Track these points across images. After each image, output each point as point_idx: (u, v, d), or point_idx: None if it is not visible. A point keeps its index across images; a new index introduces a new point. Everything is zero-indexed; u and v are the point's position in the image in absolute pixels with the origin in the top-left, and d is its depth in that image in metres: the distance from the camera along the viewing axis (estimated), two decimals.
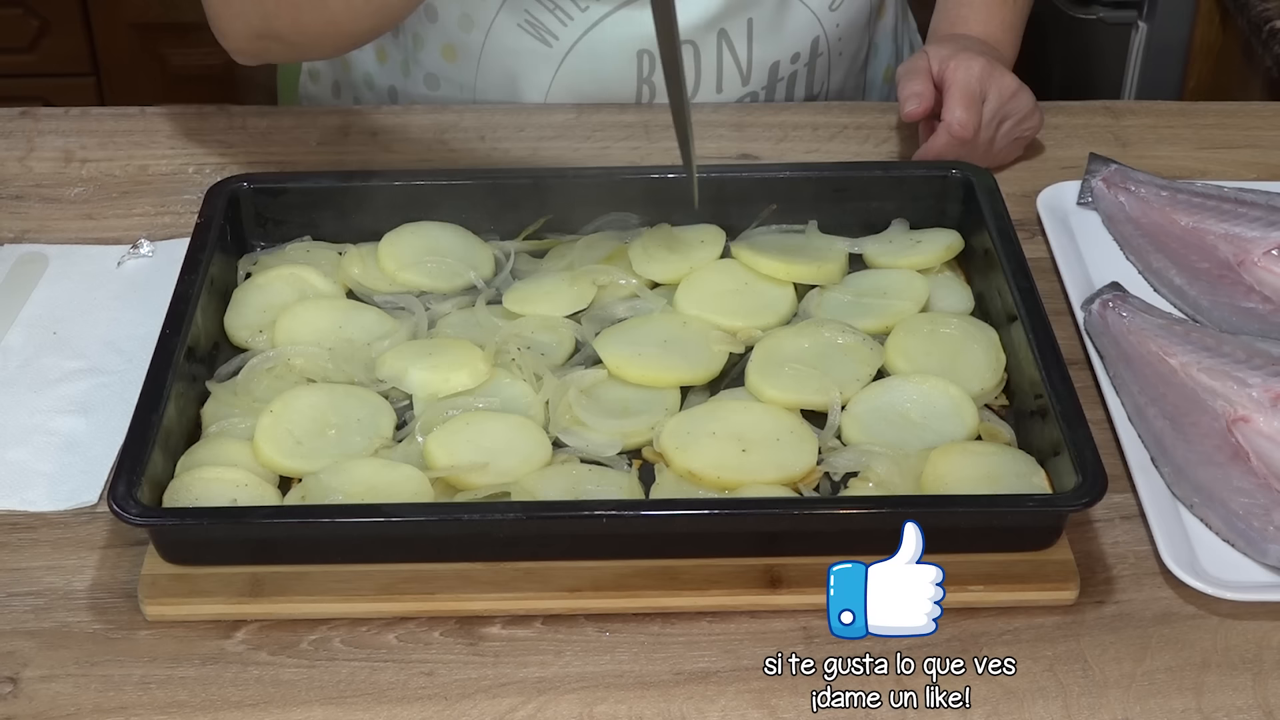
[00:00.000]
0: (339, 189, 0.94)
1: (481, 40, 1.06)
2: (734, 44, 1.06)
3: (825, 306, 0.89)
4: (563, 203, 0.94)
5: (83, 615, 0.74)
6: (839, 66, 1.12)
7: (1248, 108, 1.14)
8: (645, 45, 1.05)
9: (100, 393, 0.86)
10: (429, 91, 1.11)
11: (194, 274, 0.86)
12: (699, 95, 1.08)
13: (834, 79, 1.13)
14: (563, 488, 0.77)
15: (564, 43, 1.05)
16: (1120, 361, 0.86)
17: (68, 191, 1.03)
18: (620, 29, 1.04)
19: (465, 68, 1.08)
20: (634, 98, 1.08)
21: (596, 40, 1.05)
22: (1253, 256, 0.93)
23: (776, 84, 1.09)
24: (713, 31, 1.05)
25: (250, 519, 0.74)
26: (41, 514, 0.79)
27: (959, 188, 0.94)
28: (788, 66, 1.08)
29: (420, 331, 0.87)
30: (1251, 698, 0.70)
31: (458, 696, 0.70)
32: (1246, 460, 0.79)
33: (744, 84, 1.08)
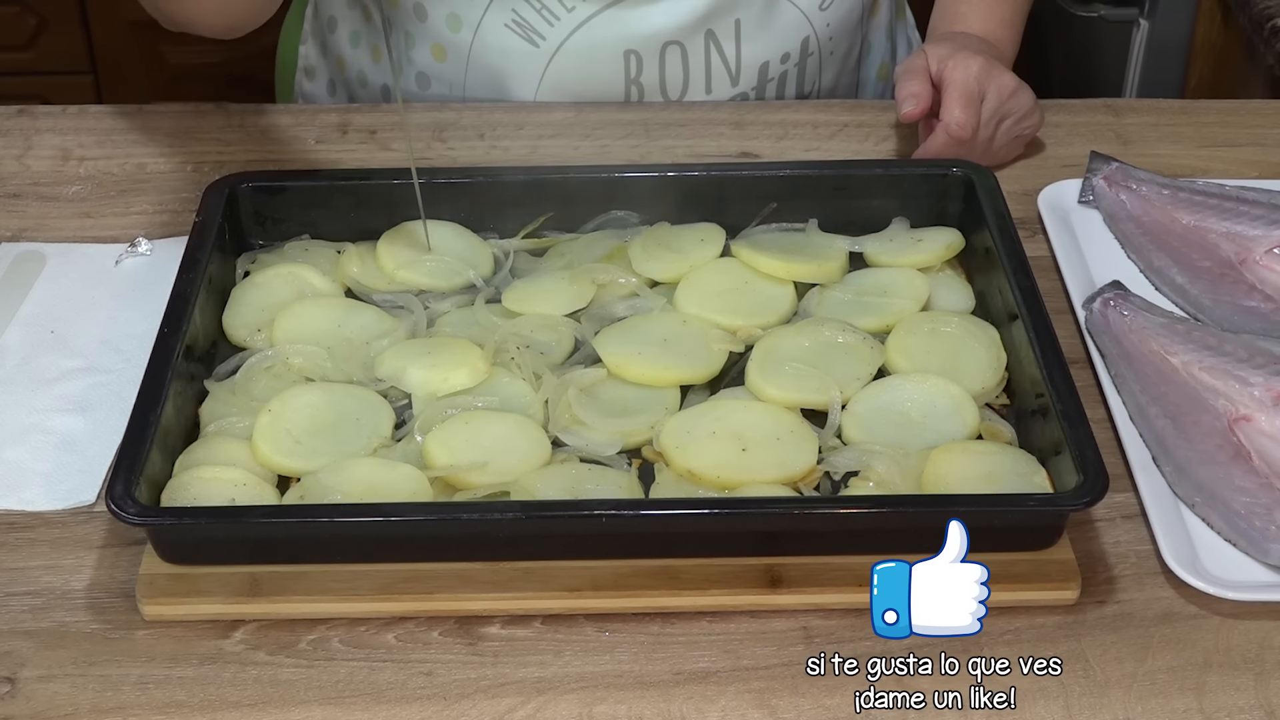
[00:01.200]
0: (337, 187, 0.94)
1: (470, 40, 1.06)
2: (722, 45, 1.06)
3: (825, 305, 0.89)
4: (562, 201, 0.94)
5: (80, 615, 0.74)
6: (830, 66, 1.12)
7: (1249, 106, 1.14)
8: (633, 46, 1.05)
9: (98, 392, 0.86)
10: (420, 90, 1.11)
11: (192, 273, 0.85)
12: (687, 96, 1.08)
13: (825, 78, 1.12)
14: (562, 487, 0.77)
15: (551, 43, 1.05)
16: (1121, 360, 0.86)
17: (65, 190, 1.02)
18: (607, 29, 1.04)
19: (454, 67, 1.08)
20: (622, 98, 1.08)
21: (583, 40, 1.05)
22: (1254, 255, 0.93)
23: (766, 84, 1.09)
24: (700, 32, 1.05)
25: (248, 518, 0.74)
26: (39, 513, 0.79)
27: (960, 186, 0.94)
28: (778, 67, 1.08)
29: (419, 330, 0.87)
30: (1253, 698, 0.70)
31: (457, 696, 0.70)
32: (1248, 459, 0.79)
33: (733, 84, 1.08)
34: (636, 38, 1.04)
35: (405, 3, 1.07)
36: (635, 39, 1.04)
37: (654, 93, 1.08)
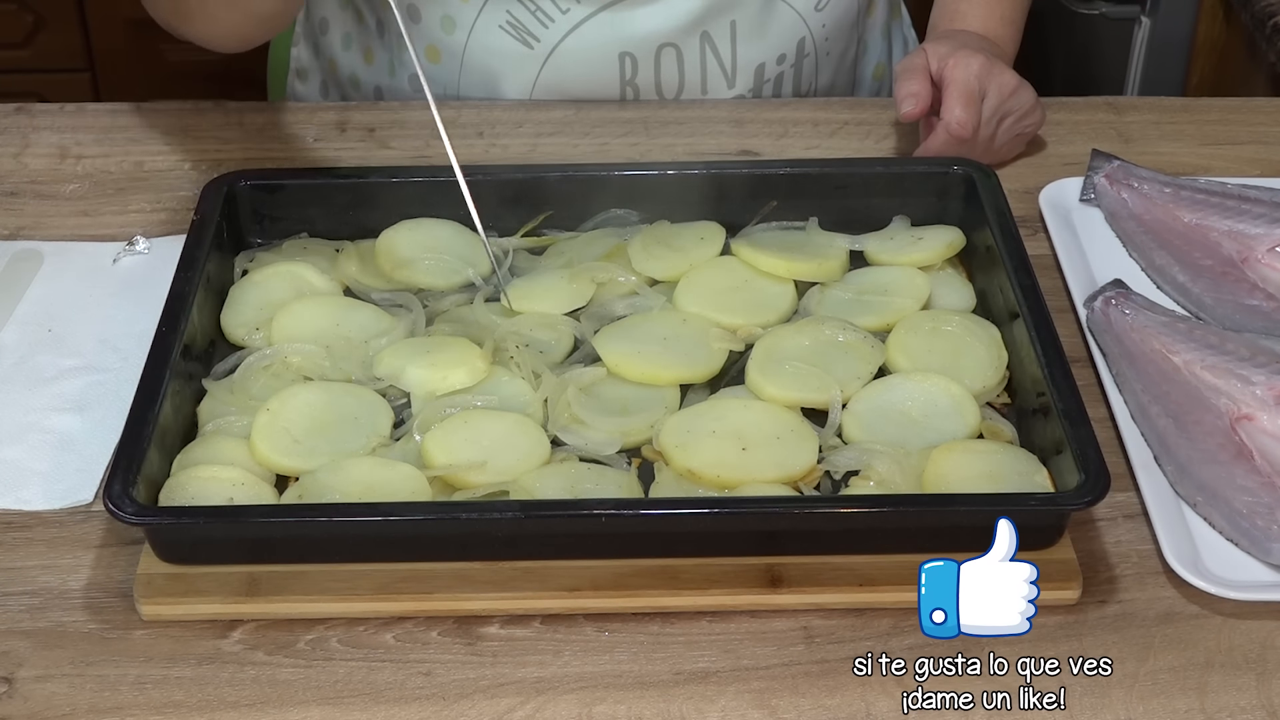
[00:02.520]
0: (336, 185, 0.94)
1: (464, 41, 1.06)
2: (717, 46, 1.06)
3: (826, 304, 0.89)
4: (561, 199, 0.94)
5: (78, 615, 0.73)
6: (827, 67, 1.12)
7: (1251, 104, 1.14)
8: (627, 48, 1.05)
9: (96, 391, 0.86)
10: (414, 92, 1.11)
11: (190, 271, 0.85)
12: (683, 99, 1.08)
13: (822, 79, 1.12)
14: (561, 486, 0.76)
15: (545, 45, 1.04)
16: (1123, 359, 0.85)
17: (63, 188, 1.02)
18: (601, 31, 1.04)
19: (449, 69, 1.08)
20: (617, 98, 1.08)
21: (578, 42, 1.04)
22: (1256, 253, 0.93)
23: (763, 85, 1.09)
24: (695, 34, 1.05)
25: (247, 518, 0.74)
26: (36, 513, 0.78)
27: (961, 184, 0.93)
28: (774, 68, 1.08)
29: (418, 329, 0.87)
30: (1255, 698, 0.70)
31: (456, 697, 0.70)
32: (1250, 459, 0.79)
33: (729, 86, 1.08)
34: (631, 40, 1.04)
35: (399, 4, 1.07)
36: (630, 41, 1.04)
37: (649, 95, 1.07)
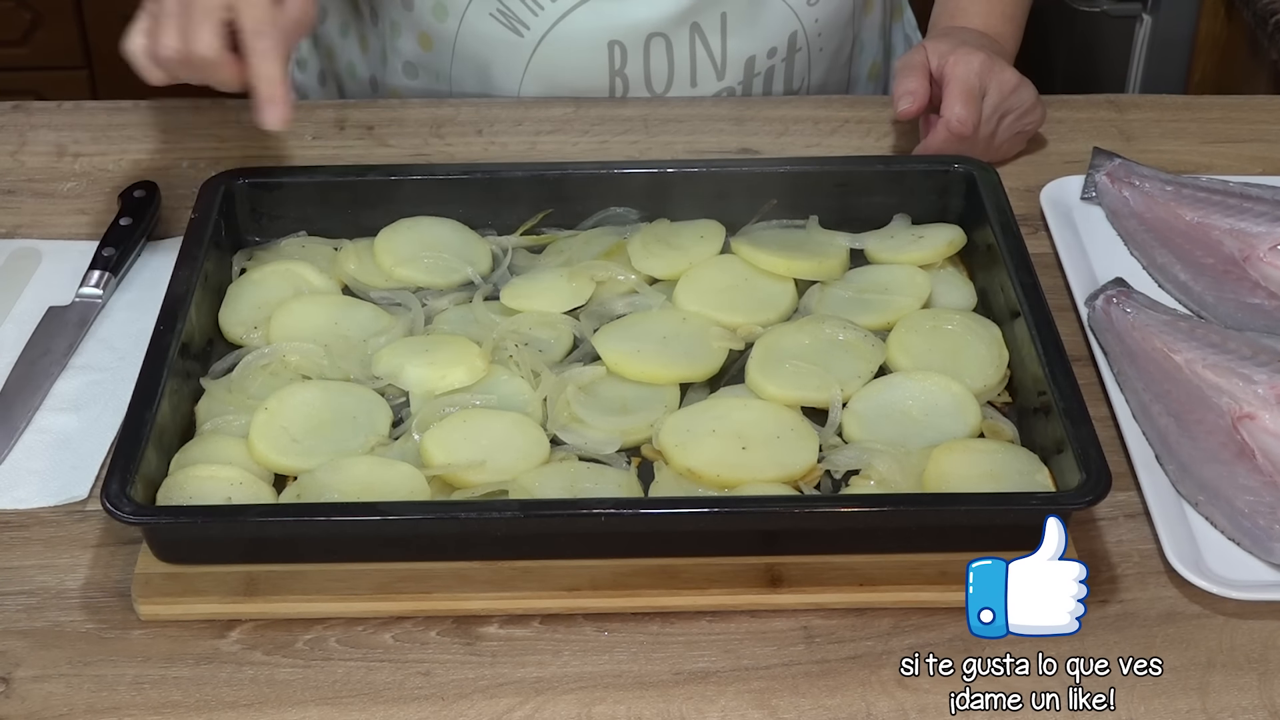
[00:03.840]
0: (335, 183, 0.94)
1: (455, 28, 1.06)
2: (707, 38, 1.05)
3: (826, 302, 0.89)
4: (561, 197, 0.93)
5: (75, 614, 0.73)
6: (820, 63, 1.11)
7: (1253, 101, 1.13)
8: (616, 37, 1.05)
9: (93, 390, 0.85)
10: (408, 80, 1.11)
11: (188, 270, 0.85)
12: (672, 90, 1.08)
13: (815, 75, 1.12)
14: (561, 486, 0.76)
15: (535, 33, 1.04)
16: (1124, 358, 0.85)
17: (60, 186, 1.02)
18: (590, 20, 1.04)
19: (441, 56, 1.08)
20: (606, 89, 1.07)
21: (567, 31, 1.04)
22: (1258, 252, 0.92)
23: (753, 79, 1.08)
24: (685, 25, 1.05)
25: (245, 517, 0.74)
26: (33, 512, 0.78)
27: (961, 182, 0.93)
28: (764, 61, 1.08)
29: (417, 328, 0.87)
30: (1257, 698, 0.70)
31: (455, 697, 0.69)
32: (1252, 458, 0.79)
33: (719, 79, 1.08)
34: (620, 28, 1.04)
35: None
36: (619, 30, 1.04)
37: (639, 85, 1.07)
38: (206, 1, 0.81)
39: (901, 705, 0.69)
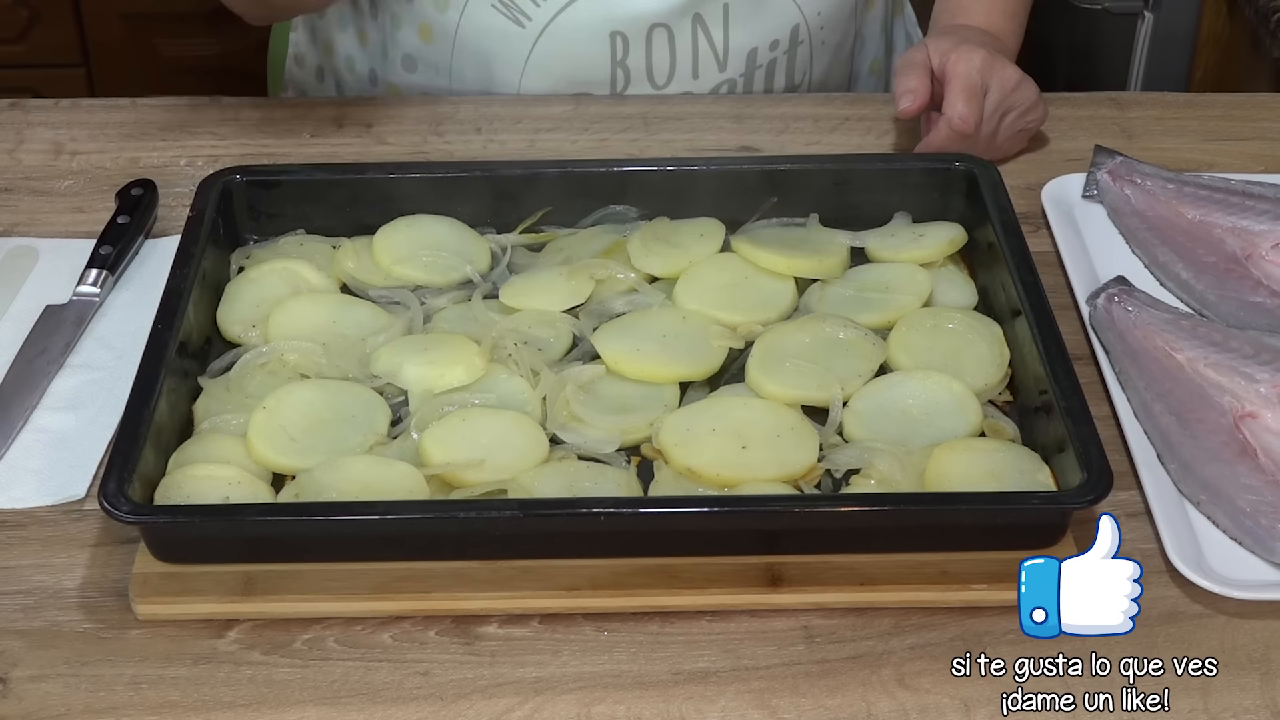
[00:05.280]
0: (333, 181, 0.93)
1: (456, 20, 1.06)
2: (710, 29, 1.05)
3: (826, 301, 0.88)
4: (560, 196, 0.93)
5: (73, 614, 0.73)
6: (822, 56, 1.11)
7: (1255, 99, 1.13)
8: (618, 27, 1.05)
9: (90, 389, 0.85)
10: (407, 74, 1.10)
11: (186, 268, 0.85)
12: (674, 81, 1.08)
13: (817, 69, 1.12)
14: (560, 485, 0.76)
15: (536, 24, 1.04)
16: (1126, 357, 0.85)
17: (58, 184, 1.02)
18: (592, 10, 1.04)
19: (441, 48, 1.08)
20: (608, 80, 1.07)
21: (569, 21, 1.04)
22: (1260, 250, 0.92)
23: (755, 71, 1.08)
24: (687, 15, 1.05)
25: (243, 517, 0.74)
26: (31, 512, 0.78)
27: (962, 180, 0.93)
28: (766, 54, 1.07)
29: (416, 326, 0.86)
30: (1259, 698, 0.69)
31: (454, 697, 0.69)
32: (1254, 457, 0.79)
33: (720, 70, 1.07)
34: (622, 19, 1.04)
35: None
36: (621, 20, 1.04)
37: (640, 77, 1.07)
38: None
39: (902, 705, 0.69)
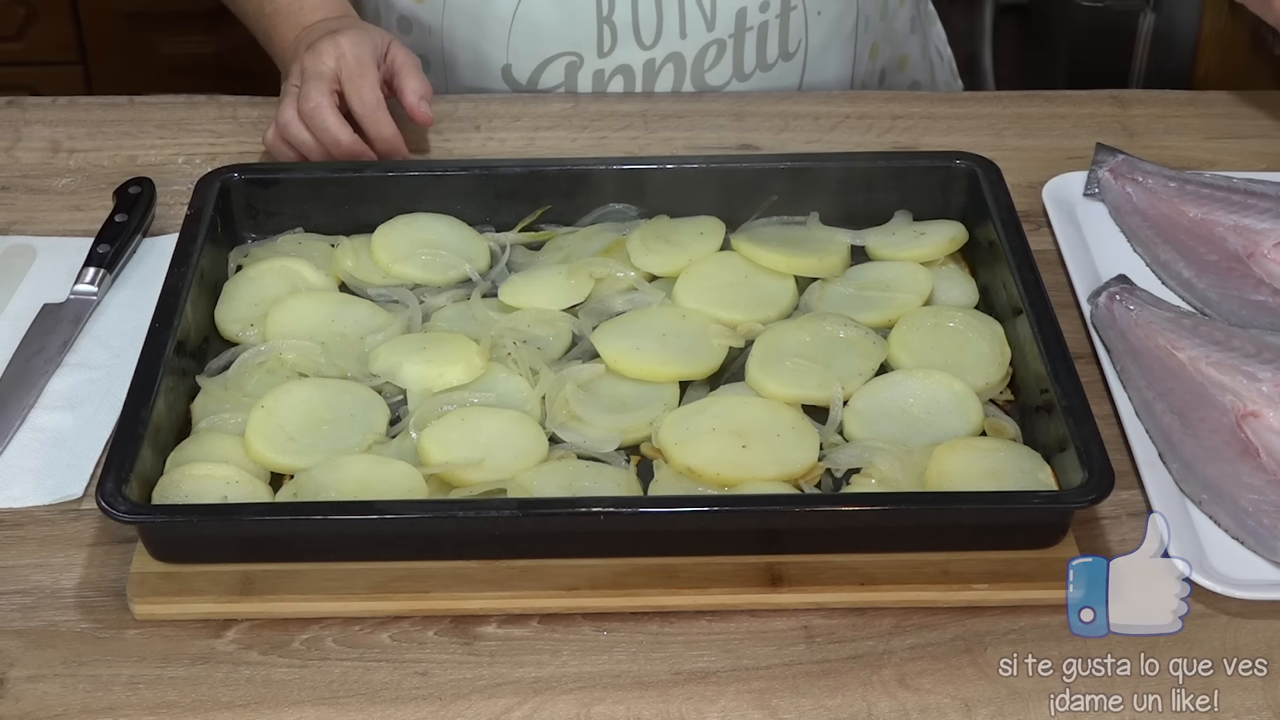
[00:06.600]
0: (331, 180, 0.93)
1: None
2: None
3: (827, 300, 0.88)
4: (559, 194, 0.93)
5: (70, 614, 0.73)
6: (819, 27, 1.10)
7: (1257, 97, 1.13)
8: None
9: (88, 388, 0.85)
10: (402, 35, 1.11)
11: (184, 267, 0.85)
12: (661, 41, 1.07)
13: (814, 39, 1.11)
14: (559, 484, 0.76)
15: None
16: (1127, 355, 0.85)
17: (55, 182, 1.02)
18: None
19: (432, 8, 1.08)
20: (595, 39, 1.06)
21: None
22: (1262, 249, 0.92)
23: (745, 33, 1.07)
24: None
25: (241, 516, 0.73)
26: (28, 511, 0.78)
27: (963, 178, 0.93)
28: (756, 15, 1.07)
29: (414, 325, 0.86)
30: (1261, 698, 0.69)
31: (453, 697, 0.69)
32: (1256, 456, 0.78)
33: (709, 29, 1.07)
34: None
35: None
36: None
37: (626, 34, 1.06)
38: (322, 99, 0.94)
39: (903, 705, 0.69)
